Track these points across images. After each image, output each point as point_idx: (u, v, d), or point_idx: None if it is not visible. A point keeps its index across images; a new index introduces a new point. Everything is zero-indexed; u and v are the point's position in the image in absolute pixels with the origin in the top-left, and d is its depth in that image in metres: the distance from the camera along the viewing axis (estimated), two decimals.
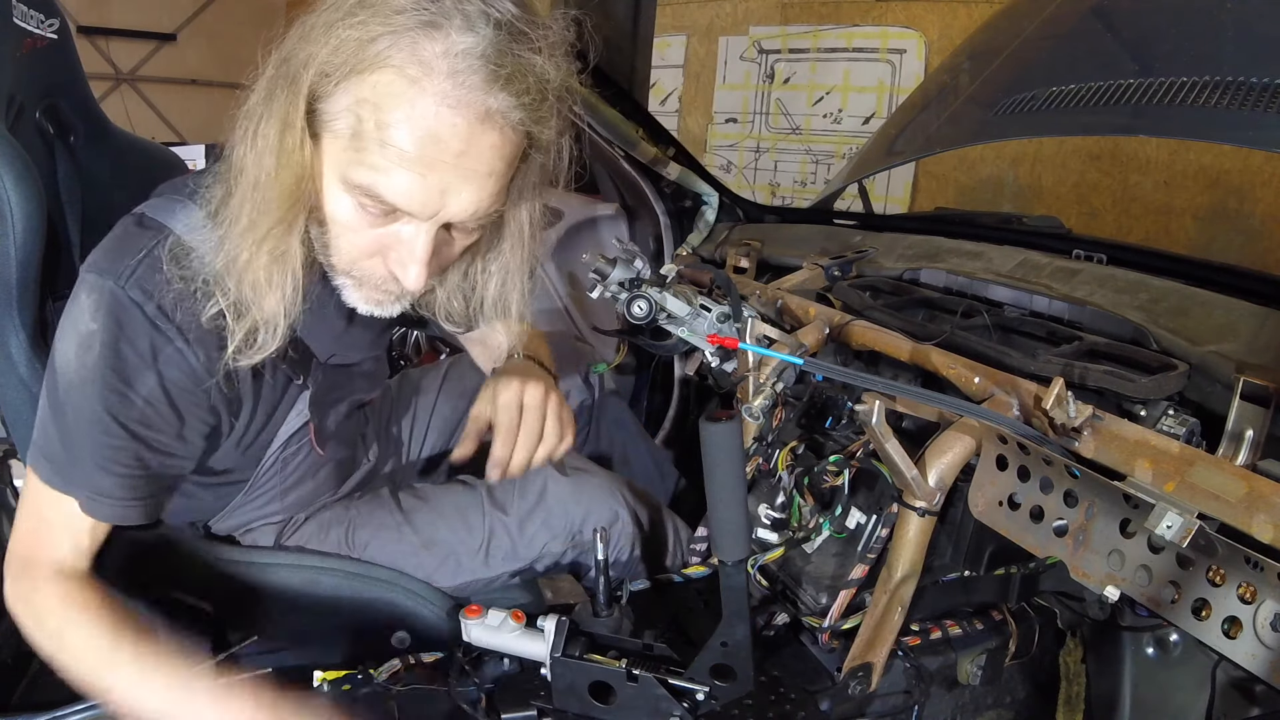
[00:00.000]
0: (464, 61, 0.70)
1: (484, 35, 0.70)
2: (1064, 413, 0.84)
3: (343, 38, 0.70)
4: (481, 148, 0.73)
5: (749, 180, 4.76)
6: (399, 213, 0.76)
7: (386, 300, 0.86)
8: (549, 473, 1.18)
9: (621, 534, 1.18)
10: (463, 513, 1.17)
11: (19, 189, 0.90)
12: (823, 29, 4.43)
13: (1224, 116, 1.09)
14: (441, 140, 0.71)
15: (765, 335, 1.16)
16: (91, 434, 0.83)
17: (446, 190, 0.74)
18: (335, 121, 0.73)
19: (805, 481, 1.10)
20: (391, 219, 0.78)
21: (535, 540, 1.16)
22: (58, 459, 0.85)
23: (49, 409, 0.85)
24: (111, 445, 0.83)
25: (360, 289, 0.86)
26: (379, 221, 0.78)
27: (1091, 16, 1.48)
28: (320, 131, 0.75)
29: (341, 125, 0.73)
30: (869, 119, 4.34)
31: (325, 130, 0.75)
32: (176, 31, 6.11)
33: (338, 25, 0.71)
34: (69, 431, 0.84)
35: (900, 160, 2.56)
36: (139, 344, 0.81)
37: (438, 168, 0.72)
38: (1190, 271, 1.17)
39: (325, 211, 0.80)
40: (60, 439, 0.84)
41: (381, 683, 0.96)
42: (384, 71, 0.70)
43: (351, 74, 0.71)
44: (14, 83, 1.00)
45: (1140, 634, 0.98)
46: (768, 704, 0.94)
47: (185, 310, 0.82)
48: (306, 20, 0.74)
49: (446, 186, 0.74)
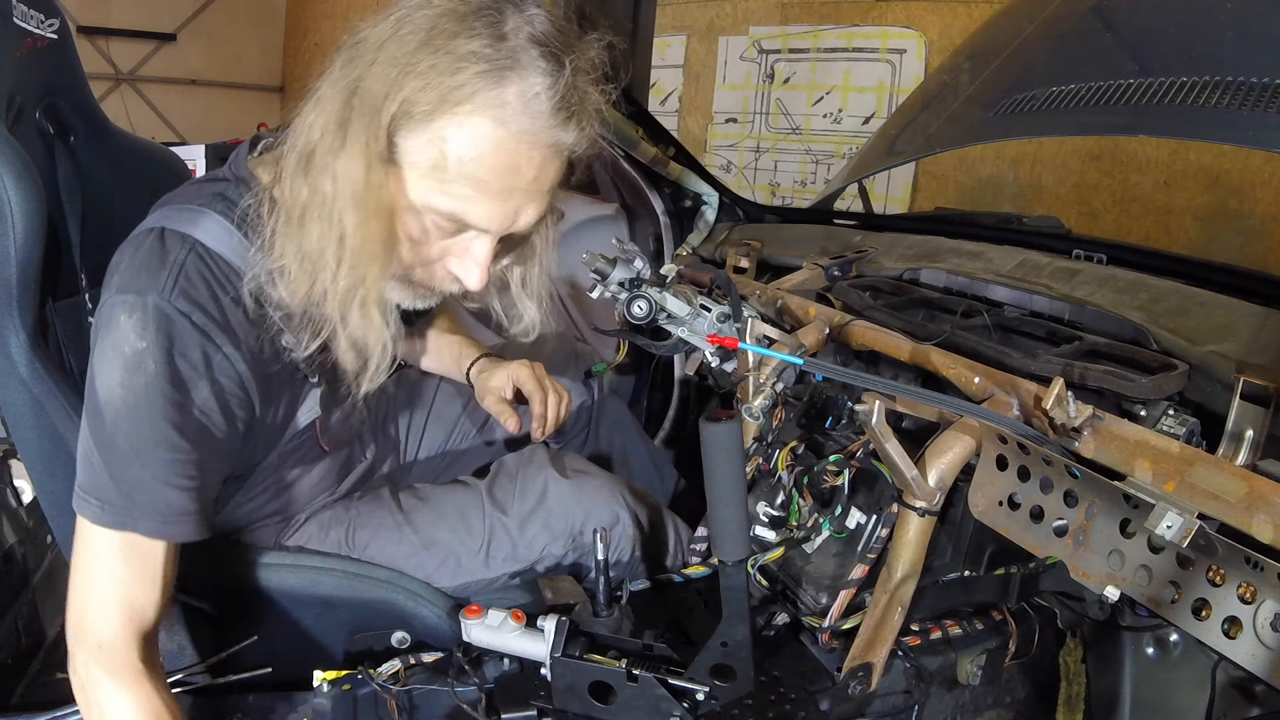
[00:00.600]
0: (539, 104, 0.77)
1: (553, 75, 0.78)
2: (1064, 413, 0.84)
3: (428, 79, 0.75)
4: (549, 173, 0.82)
5: (749, 180, 4.76)
6: (470, 228, 0.83)
7: (430, 295, 0.92)
8: (550, 474, 1.19)
9: (622, 536, 1.18)
10: (463, 513, 1.17)
11: (19, 189, 0.90)
12: (823, 29, 4.43)
13: (1224, 116, 1.09)
14: (520, 171, 0.79)
15: (765, 335, 1.16)
16: (154, 454, 0.82)
17: (520, 210, 0.82)
18: (415, 154, 0.78)
19: (805, 481, 1.10)
20: (460, 231, 0.84)
21: (536, 541, 1.16)
22: (111, 497, 0.82)
23: (94, 445, 0.82)
24: (176, 460, 0.83)
25: (410, 288, 0.90)
26: (448, 234, 0.84)
27: (1091, 16, 1.48)
28: (398, 161, 0.79)
29: (422, 158, 0.78)
30: (869, 119, 4.34)
31: (404, 161, 0.79)
32: (176, 31, 6.11)
33: (416, 62, 0.75)
34: (124, 461, 0.81)
35: (900, 160, 2.56)
36: (191, 355, 0.82)
37: (515, 195, 0.80)
38: (1190, 271, 1.17)
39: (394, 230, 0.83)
40: (111, 473, 0.82)
41: (381, 683, 0.96)
42: (468, 110, 0.76)
43: (436, 112, 0.76)
44: (14, 83, 1.00)
45: (1140, 634, 0.98)
46: (768, 704, 0.94)
47: (230, 316, 0.85)
48: (365, 49, 0.78)
49: (520, 207, 0.82)
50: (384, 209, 0.80)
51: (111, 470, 0.82)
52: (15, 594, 1.32)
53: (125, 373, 0.80)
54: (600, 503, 1.18)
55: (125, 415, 0.81)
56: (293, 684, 0.99)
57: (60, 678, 0.87)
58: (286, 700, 0.98)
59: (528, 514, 1.16)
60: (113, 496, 0.82)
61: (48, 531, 1.35)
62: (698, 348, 1.20)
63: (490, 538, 1.15)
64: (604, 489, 1.20)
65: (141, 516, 0.83)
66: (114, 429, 0.81)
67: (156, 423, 0.81)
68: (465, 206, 0.80)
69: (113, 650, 0.83)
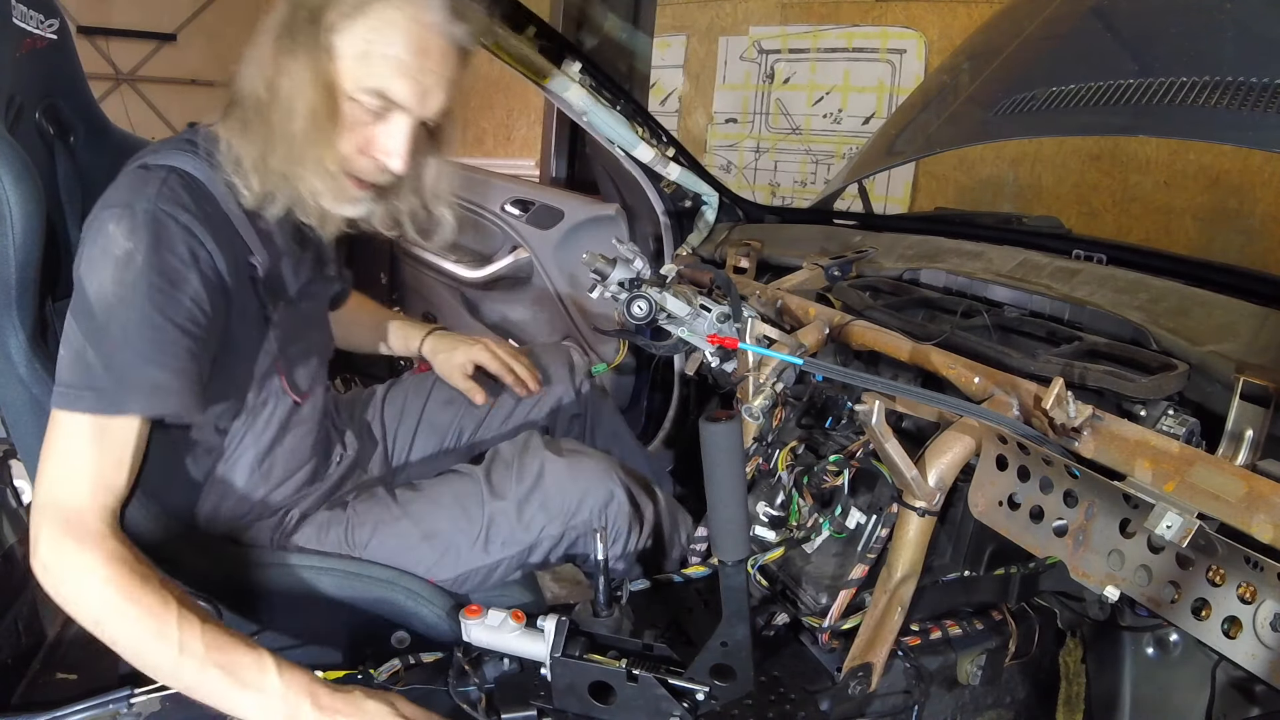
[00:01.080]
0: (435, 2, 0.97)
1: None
2: (1064, 413, 0.84)
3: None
4: (450, 58, 1.00)
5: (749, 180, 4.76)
6: (389, 112, 0.98)
7: (357, 200, 1.04)
8: (545, 455, 1.20)
9: (618, 514, 1.19)
10: (461, 501, 1.17)
11: (18, 189, 0.90)
12: (823, 29, 4.42)
13: (1224, 116, 1.09)
14: (429, 53, 0.97)
15: (765, 335, 1.16)
16: (143, 336, 0.89)
17: (428, 90, 0.98)
18: (347, 48, 0.96)
19: (805, 481, 1.10)
20: (381, 120, 0.99)
21: (534, 523, 1.16)
22: (102, 383, 0.88)
23: (86, 340, 0.88)
24: (167, 341, 0.91)
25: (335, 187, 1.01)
26: (369, 120, 0.99)
27: (1091, 16, 1.48)
28: (334, 55, 0.96)
29: (351, 50, 0.96)
30: (869, 119, 4.34)
31: (336, 57, 0.96)
32: (176, 31, 6.10)
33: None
34: (116, 347, 0.88)
35: (900, 160, 2.56)
36: (178, 250, 0.92)
37: (425, 73, 0.98)
38: (1190, 271, 1.17)
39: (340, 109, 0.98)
40: (105, 362, 0.88)
41: (381, 683, 0.96)
42: (386, 9, 0.95)
43: (358, 13, 0.95)
44: (14, 83, 1.00)
45: (1140, 634, 0.98)
46: (768, 704, 0.94)
47: (210, 220, 0.96)
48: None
49: (429, 87, 0.98)
50: (333, 92, 0.97)
51: (105, 359, 0.88)
52: (15, 594, 1.32)
53: (116, 270, 0.89)
54: (596, 481, 1.19)
55: (117, 306, 0.89)
56: None
57: (60, 678, 0.87)
58: None
59: (525, 496, 1.17)
60: (105, 383, 0.88)
61: None
62: (698, 348, 1.20)
63: (489, 523, 1.16)
64: (599, 467, 1.21)
65: (132, 395, 0.89)
66: (106, 319, 0.89)
67: (146, 310, 0.89)
68: (387, 83, 0.96)
69: (82, 520, 0.87)
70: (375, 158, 1.01)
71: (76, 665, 1.34)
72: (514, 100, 4.92)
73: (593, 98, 1.60)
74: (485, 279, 2.36)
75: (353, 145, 1.00)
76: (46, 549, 0.86)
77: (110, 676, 1.09)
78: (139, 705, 0.92)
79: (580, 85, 1.58)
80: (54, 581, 0.86)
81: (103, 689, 0.92)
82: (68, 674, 1.31)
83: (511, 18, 1.47)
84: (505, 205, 2.32)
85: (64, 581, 0.86)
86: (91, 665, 1.33)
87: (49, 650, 1.35)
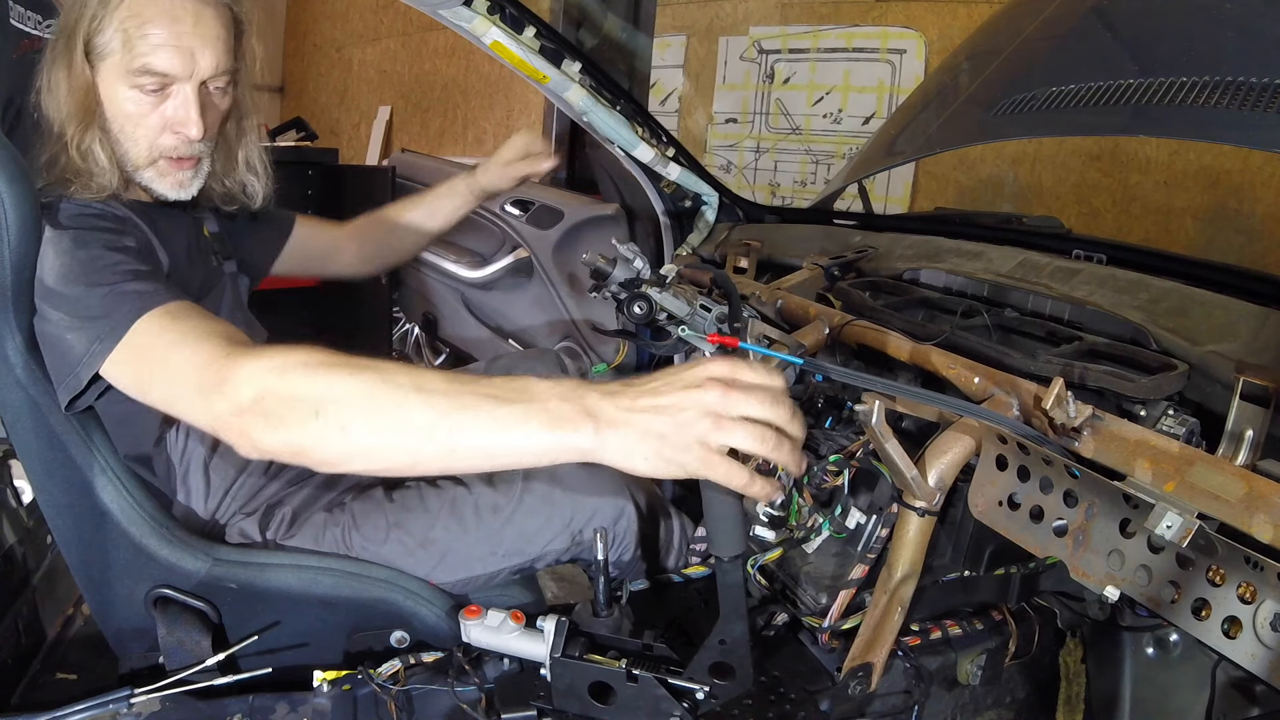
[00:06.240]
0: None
1: None
2: (1064, 413, 0.84)
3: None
4: (207, 18, 1.04)
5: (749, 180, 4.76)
6: (169, 87, 1.04)
7: (186, 181, 1.11)
8: (553, 468, 1.18)
9: (627, 531, 1.18)
10: (458, 511, 1.17)
11: (13, 190, 0.90)
12: (823, 29, 4.42)
13: (1224, 116, 1.08)
14: (181, 19, 1.01)
15: (765, 335, 1.16)
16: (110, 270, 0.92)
17: (194, 52, 1.02)
18: (110, 44, 1.01)
19: (805, 481, 1.10)
20: (165, 96, 1.04)
21: (538, 537, 1.15)
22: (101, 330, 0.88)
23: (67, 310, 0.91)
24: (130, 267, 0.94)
25: (162, 174, 1.09)
26: (157, 101, 1.04)
27: (1091, 16, 1.47)
28: (100, 59, 1.02)
29: (115, 44, 1.01)
30: (869, 119, 4.33)
31: (104, 56, 1.01)
32: None
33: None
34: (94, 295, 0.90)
35: (900, 160, 2.56)
36: (108, 220, 1.00)
37: (184, 38, 1.02)
38: (1190, 271, 1.17)
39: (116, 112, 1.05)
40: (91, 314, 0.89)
41: (381, 683, 0.96)
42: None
43: (105, 9, 1.00)
44: (11, 84, 1.00)
45: (1140, 634, 0.98)
46: (768, 704, 0.94)
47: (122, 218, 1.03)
48: None
49: (194, 49, 1.02)
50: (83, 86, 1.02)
51: (89, 311, 0.90)
52: (15, 594, 1.32)
53: (65, 251, 0.94)
54: (606, 496, 1.18)
55: (78, 270, 0.93)
56: (292, 684, 0.99)
57: (60, 678, 0.86)
58: (286, 700, 0.98)
59: (528, 510, 1.16)
60: (102, 329, 0.89)
61: (48, 532, 1.35)
62: (698, 348, 1.20)
63: (489, 534, 1.15)
64: (610, 482, 1.19)
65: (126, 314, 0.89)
66: (75, 281, 0.92)
67: (102, 254, 0.94)
68: (150, 59, 1.01)
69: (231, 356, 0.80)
70: (176, 132, 1.07)
71: (76, 665, 1.34)
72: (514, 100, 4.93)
73: (593, 98, 1.60)
74: (485, 279, 2.36)
75: (155, 127, 1.06)
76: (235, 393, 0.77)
77: (110, 676, 1.10)
78: (139, 705, 0.92)
79: (580, 85, 1.58)
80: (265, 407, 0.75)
81: (103, 689, 0.92)
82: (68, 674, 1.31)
83: (511, 18, 1.47)
84: (505, 205, 2.32)
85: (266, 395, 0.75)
86: (91, 665, 1.33)
87: (49, 650, 1.35)
